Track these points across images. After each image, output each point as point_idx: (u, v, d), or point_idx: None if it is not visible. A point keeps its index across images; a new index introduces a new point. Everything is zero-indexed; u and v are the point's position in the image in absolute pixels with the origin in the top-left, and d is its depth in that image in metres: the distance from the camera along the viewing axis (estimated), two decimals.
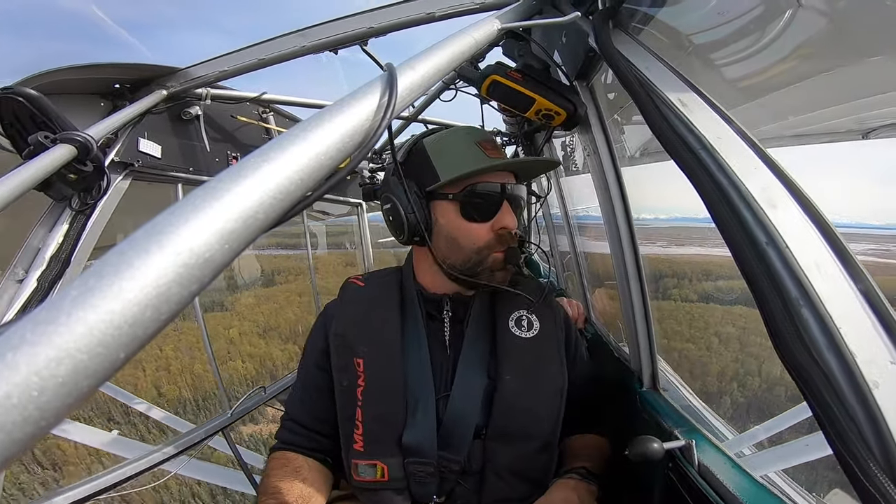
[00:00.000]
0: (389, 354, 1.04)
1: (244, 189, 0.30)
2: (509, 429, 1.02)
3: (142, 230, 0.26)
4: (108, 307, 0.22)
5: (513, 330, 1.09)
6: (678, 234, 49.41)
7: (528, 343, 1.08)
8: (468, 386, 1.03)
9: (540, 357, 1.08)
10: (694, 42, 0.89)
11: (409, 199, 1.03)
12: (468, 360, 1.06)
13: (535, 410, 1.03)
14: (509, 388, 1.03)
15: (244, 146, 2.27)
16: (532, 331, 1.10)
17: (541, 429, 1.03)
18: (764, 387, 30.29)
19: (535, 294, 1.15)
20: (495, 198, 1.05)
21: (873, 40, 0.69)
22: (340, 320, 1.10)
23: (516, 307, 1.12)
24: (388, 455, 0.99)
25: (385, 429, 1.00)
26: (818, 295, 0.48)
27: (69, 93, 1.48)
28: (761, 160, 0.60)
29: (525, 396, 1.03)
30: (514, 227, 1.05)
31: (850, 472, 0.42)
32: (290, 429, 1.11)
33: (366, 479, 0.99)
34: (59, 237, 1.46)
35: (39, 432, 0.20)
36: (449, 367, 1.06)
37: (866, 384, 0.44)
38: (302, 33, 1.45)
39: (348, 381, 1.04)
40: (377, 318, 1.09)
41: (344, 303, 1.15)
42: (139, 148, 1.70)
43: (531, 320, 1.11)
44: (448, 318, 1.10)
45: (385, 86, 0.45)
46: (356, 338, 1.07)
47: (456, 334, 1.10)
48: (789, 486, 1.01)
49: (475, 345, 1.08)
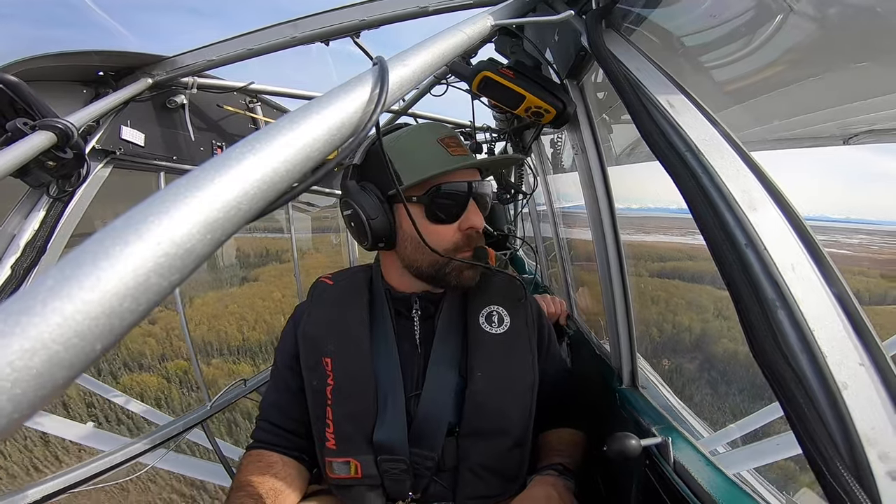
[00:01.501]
0: (358, 353, 1.03)
1: (228, 179, 0.29)
2: (481, 426, 1.01)
3: (121, 219, 0.25)
4: (85, 297, 0.22)
5: (483, 326, 1.08)
6: (644, 223, 53.66)
7: (498, 339, 1.07)
8: (439, 383, 1.03)
9: (511, 353, 1.07)
10: (685, 44, 0.90)
11: (370, 203, 1.00)
12: (439, 357, 1.05)
13: (507, 407, 1.03)
14: (480, 386, 1.02)
15: (230, 136, 2.23)
16: (503, 326, 1.09)
17: (512, 425, 1.03)
18: (673, 332, 42.36)
19: (507, 289, 1.15)
20: (461, 198, 1.02)
21: (860, 46, 0.70)
22: (309, 320, 1.09)
23: (487, 302, 1.11)
24: (360, 452, 0.99)
25: (356, 427, 1.00)
26: (793, 297, 0.49)
27: (51, 80, 1.45)
28: (745, 163, 0.61)
29: (496, 394, 1.02)
30: (481, 226, 1.04)
31: (817, 471, 0.43)
32: (265, 429, 1.10)
33: (340, 476, 1.00)
34: (36, 224, 1.42)
35: (13, 424, 0.20)
36: (420, 364, 1.05)
37: (836, 385, 0.45)
38: (293, 24, 1.44)
39: (318, 380, 1.03)
40: (345, 316, 1.08)
41: (313, 303, 1.14)
42: (121, 136, 1.67)
43: (502, 315, 1.10)
44: (418, 317, 1.09)
45: (376, 79, 0.45)
46: (324, 337, 1.06)
47: (427, 332, 1.09)
48: (761, 484, 1.04)
49: (446, 342, 1.07)
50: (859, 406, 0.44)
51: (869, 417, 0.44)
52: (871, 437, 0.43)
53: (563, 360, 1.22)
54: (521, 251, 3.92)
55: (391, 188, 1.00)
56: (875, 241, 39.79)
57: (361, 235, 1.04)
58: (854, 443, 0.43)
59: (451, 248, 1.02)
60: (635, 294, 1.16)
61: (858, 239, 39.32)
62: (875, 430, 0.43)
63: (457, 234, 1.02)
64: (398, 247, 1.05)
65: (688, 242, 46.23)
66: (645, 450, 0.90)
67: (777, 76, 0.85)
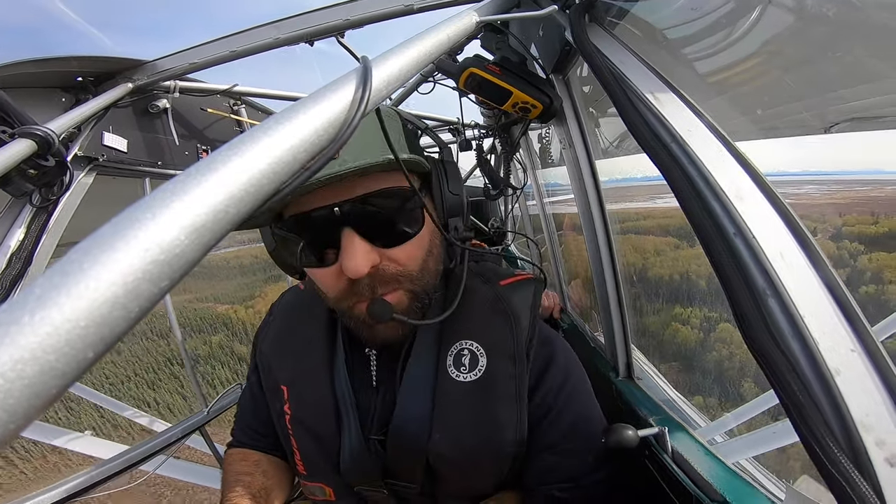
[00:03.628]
0: (314, 381, 0.89)
1: (214, 183, 0.29)
2: (451, 481, 0.85)
3: (108, 226, 0.25)
4: (75, 305, 0.22)
5: (449, 370, 0.84)
6: (609, 194, 59.15)
7: (466, 389, 0.82)
8: (408, 430, 0.83)
9: (482, 408, 0.82)
10: (667, 37, 0.90)
11: (267, 231, 0.82)
12: (408, 402, 0.84)
13: (474, 473, 0.84)
14: (441, 449, 0.81)
15: (215, 139, 2.22)
16: (475, 371, 0.83)
17: (486, 485, 0.86)
18: (634, 279, 45.78)
19: (493, 311, 0.88)
20: (320, 231, 0.72)
21: (838, 36, 0.71)
22: (268, 336, 1.00)
23: (459, 336, 0.86)
24: (330, 478, 0.90)
25: (321, 455, 0.89)
26: (783, 284, 0.50)
27: (29, 86, 1.42)
28: (730, 153, 0.61)
29: (460, 461, 0.82)
30: (360, 273, 0.70)
31: (815, 458, 0.43)
32: (244, 431, 1.06)
33: (317, 498, 0.95)
34: (20, 234, 1.40)
35: (8, 435, 0.20)
36: (378, 404, 0.87)
37: (829, 371, 0.46)
38: (276, 25, 1.43)
39: (279, 405, 0.93)
40: (301, 335, 0.95)
41: (277, 313, 1.04)
42: (104, 142, 1.65)
43: (475, 354, 0.84)
44: (373, 355, 0.90)
45: (360, 78, 0.45)
46: (279, 361, 0.95)
47: (385, 367, 0.89)
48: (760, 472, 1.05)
49: (417, 383, 0.84)
50: (853, 392, 0.45)
51: (863, 403, 0.44)
52: (866, 423, 0.44)
53: (589, 427, 0.86)
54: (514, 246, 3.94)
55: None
56: (820, 190, 42.48)
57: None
58: (850, 429, 0.44)
59: (340, 297, 0.77)
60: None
61: (805, 189, 41.72)
62: (870, 416, 0.44)
63: (340, 280, 0.74)
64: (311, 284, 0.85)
65: (644, 206, 46.90)
66: (643, 441, 0.91)
67: (758, 67, 0.86)
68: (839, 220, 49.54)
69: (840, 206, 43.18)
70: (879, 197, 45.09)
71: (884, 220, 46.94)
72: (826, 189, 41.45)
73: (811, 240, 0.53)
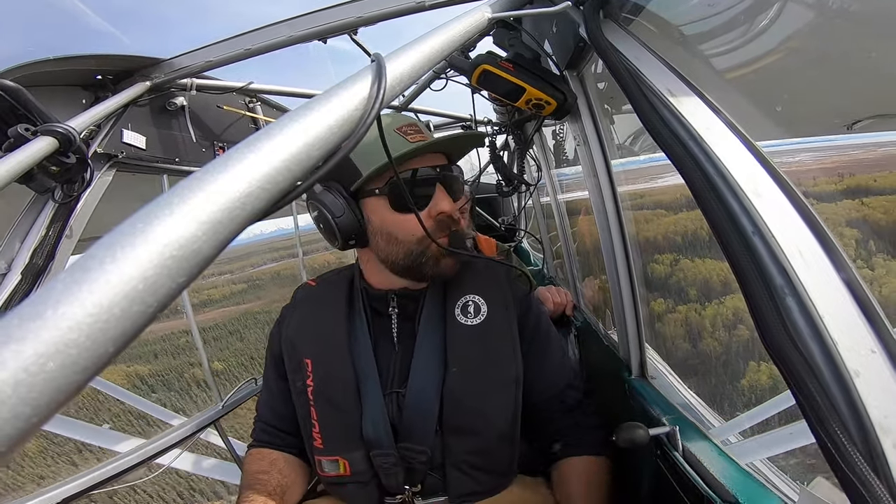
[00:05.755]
0: (336, 352, 1.02)
1: (231, 179, 0.30)
2: (461, 423, 0.98)
3: (127, 222, 0.25)
4: (95, 300, 0.22)
5: (458, 318, 1.04)
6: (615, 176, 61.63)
7: (473, 331, 1.03)
8: (423, 380, 0.99)
9: (487, 345, 1.02)
10: (684, 33, 0.89)
11: (334, 202, 0.98)
12: (423, 354, 1.02)
13: (486, 403, 0.99)
14: (455, 383, 0.98)
15: (231, 136, 2.23)
16: (479, 316, 1.04)
17: (493, 421, 0.99)
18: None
19: (485, 274, 1.11)
20: (425, 183, 0.99)
21: (860, 33, 0.70)
22: (291, 323, 1.11)
23: (464, 292, 1.07)
24: (347, 450, 0.99)
25: (340, 425, 1.00)
26: (802, 283, 0.49)
27: (50, 85, 1.45)
28: (748, 150, 0.60)
29: (472, 391, 0.99)
30: (452, 211, 0.99)
31: (831, 460, 0.42)
32: (263, 429, 1.14)
33: (330, 475, 1.01)
34: (43, 230, 1.43)
35: (31, 428, 0.20)
36: (398, 363, 1.03)
37: (848, 372, 0.45)
38: (289, 23, 1.43)
39: (301, 381, 1.03)
40: (323, 317, 1.08)
41: (295, 306, 1.16)
42: (123, 139, 1.67)
43: (478, 304, 1.05)
44: (395, 315, 1.07)
45: (374, 75, 0.45)
46: (304, 339, 1.06)
47: (405, 330, 1.06)
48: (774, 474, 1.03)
49: (429, 337, 1.03)
50: (872, 394, 0.44)
51: (882, 405, 0.44)
52: (884, 425, 0.43)
53: (561, 351, 1.15)
54: (527, 243, 3.92)
55: (353, 183, 0.98)
56: (814, 157, 42.53)
57: (331, 236, 1.02)
58: (868, 431, 0.43)
59: (424, 235, 0.96)
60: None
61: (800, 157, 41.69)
62: (888, 418, 0.43)
63: (427, 222, 0.96)
64: (371, 243, 1.03)
65: (642, 187, 47.01)
66: (655, 439, 0.90)
67: (778, 63, 0.85)
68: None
69: (828, 170, 42.90)
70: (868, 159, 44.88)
71: (848, 178, 46.39)
72: (819, 155, 41.11)
73: (831, 237, 0.52)
